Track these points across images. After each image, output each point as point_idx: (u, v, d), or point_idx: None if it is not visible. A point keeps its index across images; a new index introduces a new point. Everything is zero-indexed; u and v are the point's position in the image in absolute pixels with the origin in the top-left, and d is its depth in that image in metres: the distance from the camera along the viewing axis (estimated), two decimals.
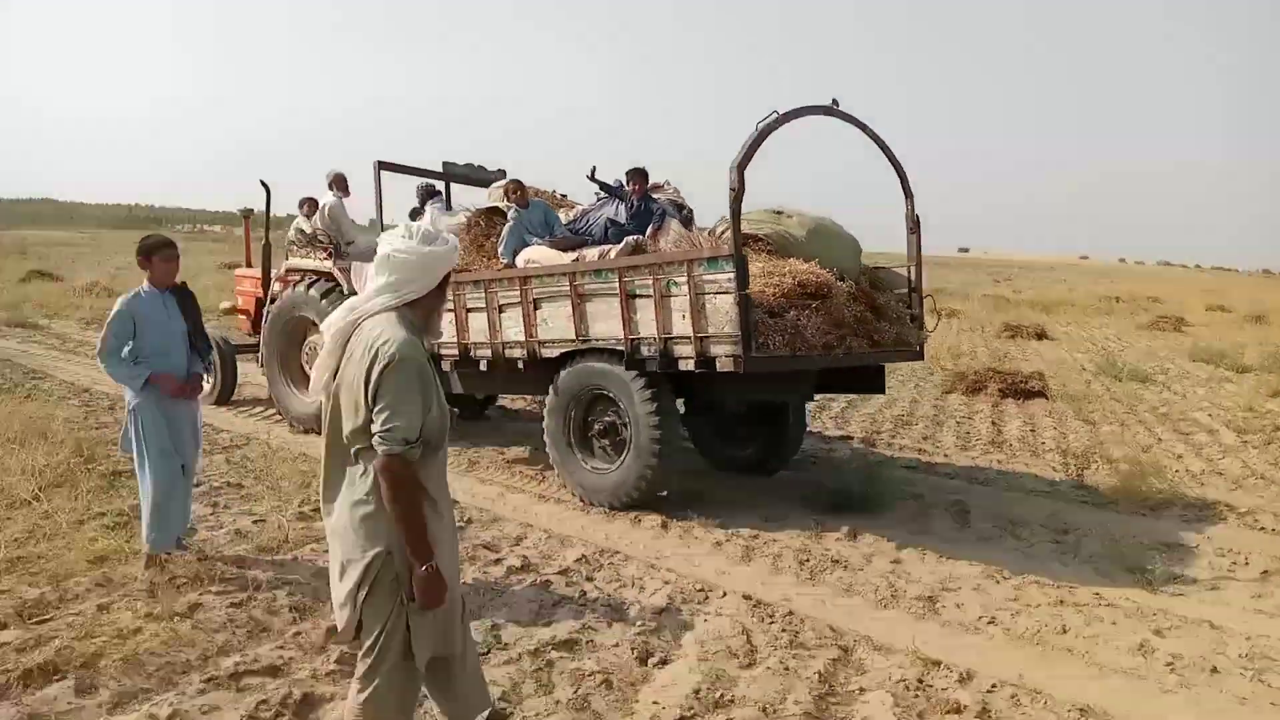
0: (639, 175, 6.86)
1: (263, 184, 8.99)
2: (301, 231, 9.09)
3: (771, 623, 4.29)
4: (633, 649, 3.92)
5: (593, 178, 7.02)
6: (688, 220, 6.89)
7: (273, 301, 9.06)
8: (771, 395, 6.68)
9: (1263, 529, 6.01)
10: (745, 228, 5.69)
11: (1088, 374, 13.64)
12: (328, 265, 8.68)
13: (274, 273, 9.56)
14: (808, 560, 5.22)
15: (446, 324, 6.98)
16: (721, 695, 3.51)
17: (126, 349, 4.41)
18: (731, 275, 5.24)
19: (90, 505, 5.52)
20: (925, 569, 5.12)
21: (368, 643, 2.52)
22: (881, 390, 6.87)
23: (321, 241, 8.81)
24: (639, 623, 4.24)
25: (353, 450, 2.50)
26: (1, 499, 5.65)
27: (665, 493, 6.25)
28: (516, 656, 3.82)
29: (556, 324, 6.37)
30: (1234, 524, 6.12)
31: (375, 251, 10.19)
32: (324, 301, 8.39)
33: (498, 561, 5.11)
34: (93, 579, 4.45)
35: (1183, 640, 4.17)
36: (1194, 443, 8.91)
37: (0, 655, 3.60)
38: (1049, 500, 6.68)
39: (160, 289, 4.54)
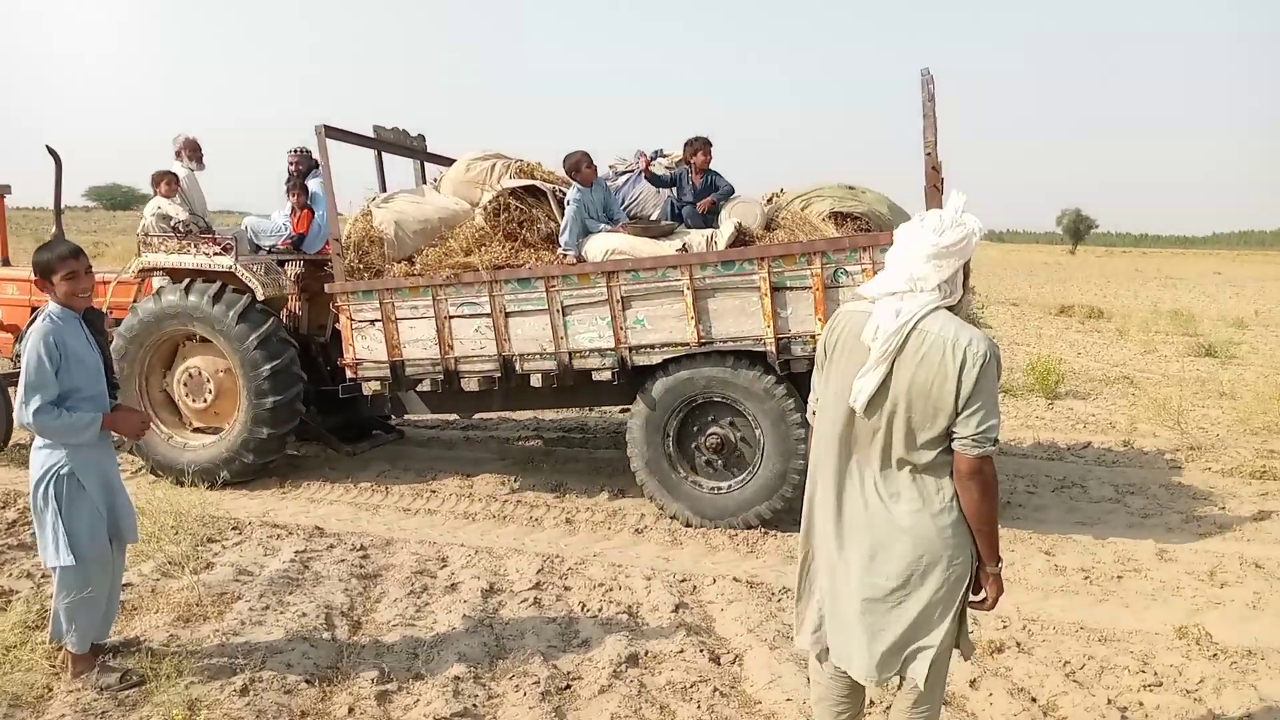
0: (704, 145, 5.90)
1: (50, 151, 6.69)
2: (167, 218, 6.99)
3: None
4: (700, 650, 3.94)
5: (650, 163, 6.19)
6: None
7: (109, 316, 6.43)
8: None
9: None
10: (827, 205, 5.61)
11: None
12: (225, 263, 6.63)
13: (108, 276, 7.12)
14: None
15: (474, 332, 5.90)
16: None
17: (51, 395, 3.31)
18: None
19: None
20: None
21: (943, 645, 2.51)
22: None
23: (201, 231, 6.88)
24: (668, 623, 4.25)
25: (923, 460, 2.41)
26: None
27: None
28: (606, 685, 3.66)
29: (661, 325, 5.52)
30: None
31: (247, 240, 8.28)
32: (230, 314, 6.35)
33: (454, 587, 4.74)
34: None
35: None
36: None
37: None
38: None
39: (76, 310, 3.47)
